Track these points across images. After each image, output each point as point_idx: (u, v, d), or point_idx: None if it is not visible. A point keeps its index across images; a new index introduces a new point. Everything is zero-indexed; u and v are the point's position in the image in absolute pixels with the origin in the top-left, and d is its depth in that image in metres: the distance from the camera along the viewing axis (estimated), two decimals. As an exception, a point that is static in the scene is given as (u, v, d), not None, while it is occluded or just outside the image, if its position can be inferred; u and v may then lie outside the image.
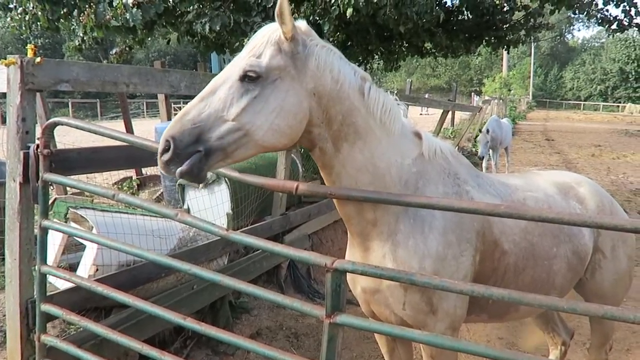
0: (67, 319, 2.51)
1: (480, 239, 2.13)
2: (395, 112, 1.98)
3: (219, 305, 4.18)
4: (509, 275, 2.25)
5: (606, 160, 16.67)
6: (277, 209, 4.85)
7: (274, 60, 1.72)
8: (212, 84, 1.73)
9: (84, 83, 2.72)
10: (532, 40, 8.75)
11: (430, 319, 2.05)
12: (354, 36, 7.21)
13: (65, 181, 2.45)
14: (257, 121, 1.69)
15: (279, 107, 1.71)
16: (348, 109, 1.85)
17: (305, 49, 1.77)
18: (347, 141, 1.89)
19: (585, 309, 1.53)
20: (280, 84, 1.72)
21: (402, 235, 2.00)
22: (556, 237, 2.41)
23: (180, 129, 1.65)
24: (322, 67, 1.78)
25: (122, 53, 7.00)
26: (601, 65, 60.77)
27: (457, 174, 2.16)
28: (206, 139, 1.65)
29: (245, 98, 1.68)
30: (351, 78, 1.86)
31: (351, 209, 2.01)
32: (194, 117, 1.66)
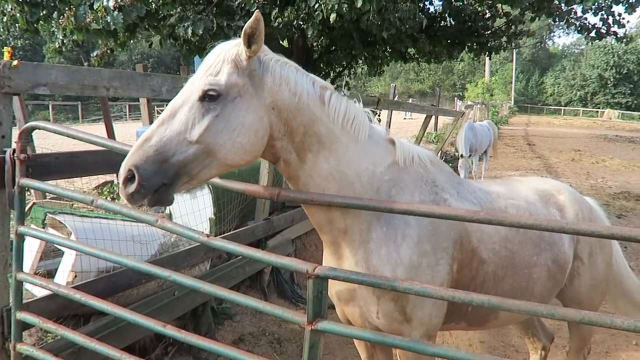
0: (44, 327, 2.46)
1: (458, 248, 2.12)
2: (360, 119, 1.98)
3: (201, 311, 4.14)
4: (488, 284, 2.25)
5: (585, 165, 16.96)
6: (260, 214, 4.83)
7: (233, 78, 1.72)
8: (170, 107, 1.72)
9: (62, 86, 2.68)
10: (513, 46, 8.88)
11: (405, 328, 2.04)
12: (338, 41, 7.24)
13: (42, 187, 2.40)
14: (220, 140, 1.69)
15: (241, 125, 1.72)
16: (309, 119, 1.86)
17: (261, 65, 1.79)
18: (310, 151, 1.89)
19: (564, 314, 1.54)
20: (240, 102, 1.73)
21: (375, 243, 2.00)
22: (537, 246, 2.41)
23: (143, 157, 1.62)
24: (278, 82, 1.80)
25: (103, 55, 6.91)
26: (581, 72, 61.90)
27: (434, 181, 2.15)
28: (171, 164, 1.64)
29: (206, 118, 1.68)
30: (309, 89, 1.87)
31: (322, 217, 2.01)
32: (156, 142, 1.64)
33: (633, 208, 10.28)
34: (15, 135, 2.43)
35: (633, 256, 7.03)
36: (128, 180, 1.63)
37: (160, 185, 1.65)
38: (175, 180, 1.67)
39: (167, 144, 1.65)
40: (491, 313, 2.41)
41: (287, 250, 5.22)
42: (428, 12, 7.48)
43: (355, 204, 1.86)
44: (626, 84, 57.70)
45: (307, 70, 5.30)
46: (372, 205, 1.84)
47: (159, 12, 5.58)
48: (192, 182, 1.73)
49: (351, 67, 9.07)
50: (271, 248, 4.85)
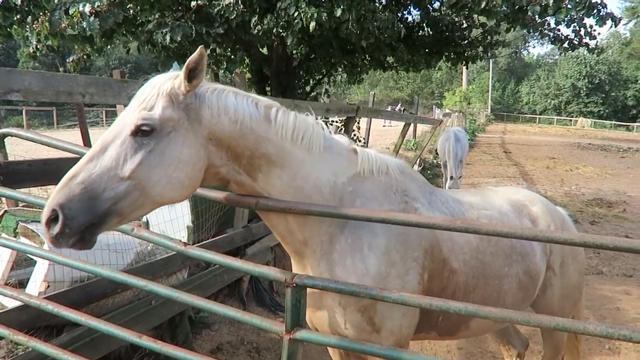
0: (14, 339, 2.39)
1: (429, 257, 2.13)
2: (312, 132, 1.95)
3: (178, 320, 4.08)
4: (458, 294, 2.25)
5: (560, 172, 17.33)
6: (239, 222, 4.80)
7: (167, 112, 1.67)
8: (101, 141, 1.65)
9: (36, 93, 2.63)
10: (489, 56, 9.03)
11: (374, 338, 2.03)
12: (317, 49, 7.27)
13: (13, 194, 2.35)
14: (154, 176, 1.63)
15: (177, 159, 1.67)
16: (254, 142, 1.83)
17: (197, 99, 1.75)
18: (261, 171, 1.87)
19: (538, 320, 1.57)
20: (175, 136, 1.68)
21: (339, 254, 1.99)
22: (508, 257, 2.42)
23: (69, 195, 1.54)
24: (217, 113, 1.76)
25: (79, 61, 6.80)
26: (555, 81, 63.36)
27: (405, 190, 2.15)
28: (100, 202, 1.57)
29: (139, 153, 1.62)
30: (252, 112, 1.83)
31: (282, 228, 2.00)
32: (83, 179, 1.56)
33: (605, 215, 10.53)
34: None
35: (606, 262, 7.20)
36: (51, 221, 1.54)
37: (87, 224, 1.56)
38: (105, 219, 1.59)
39: (96, 180, 1.57)
40: (462, 323, 2.41)
41: (266, 258, 5.20)
42: (406, 21, 7.57)
43: (331, 212, 1.85)
44: (598, 94, 59.28)
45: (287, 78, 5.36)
46: (351, 215, 1.83)
47: (136, 18, 5.53)
48: (123, 221, 1.66)
49: (331, 74, 9.11)
50: (250, 256, 4.82)
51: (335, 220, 1.97)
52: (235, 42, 6.50)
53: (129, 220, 1.69)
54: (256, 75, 7.85)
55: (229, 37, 5.79)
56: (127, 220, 1.69)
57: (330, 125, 8.70)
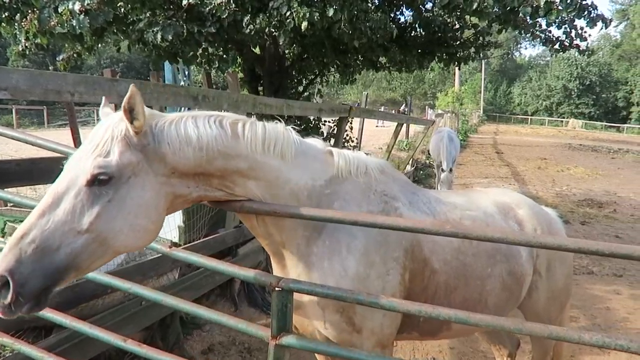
0: (0, 342, 2.36)
1: (410, 257, 2.11)
2: (283, 139, 1.89)
3: (169, 321, 4.05)
4: (439, 294, 2.24)
5: (551, 173, 17.45)
6: (230, 222, 4.78)
7: (125, 157, 1.56)
8: (52, 193, 1.51)
9: (24, 91, 2.60)
10: (481, 57, 9.06)
11: (355, 338, 2.02)
12: (310, 49, 7.26)
13: (1, 195, 2.32)
14: (116, 226, 1.53)
15: (138, 206, 1.57)
16: (224, 162, 1.76)
17: (154, 138, 1.64)
18: (237, 185, 1.82)
19: (530, 329, 1.54)
20: (135, 181, 1.58)
21: (316, 257, 1.97)
22: (491, 257, 2.41)
23: (18, 258, 1.40)
24: (179, 147, 1.66)
25: (69, 59, 6.74)
26: (546, 82, 63.77)
27: (384, 190, 2.14)
28: (55, 261, 1.44)
29: (97, 204, 1.51)
30: (216, 134, 1.74)
31: (261, 231, 1.99)
32: (35, 237, 1.43)
33: (596, 215, 10.61)
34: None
35: (596, 262, 7.25)
36: (1, 288, 1.39)
37: (43, 288, 1.44)
38: (60, 277, 1.47)
39: (49, 237, 1.44)
40: (443, 324, 2.40)
41: (258, 258, 5.18)
42: (399, 22, 7.58)
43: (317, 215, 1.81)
44: (589, 95, 59.78)
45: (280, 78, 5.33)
46: (337, 218, 1.80)
47: (127, 16, 5.49)
48: (80, 274, 1.57)
49: (323, 75, 9.10)
50: (242, 256, 4.80)
51: (312, 223, 1.95)
52: (227, 42, 6.48)
53: (87, 272, 1.59)
54: (249, 75, 7.83)
55: (220, 37, 5.76)
56: (85, 273, 1.59)
57: (323, 126, 8.71)
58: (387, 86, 63.78)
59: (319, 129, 8.27)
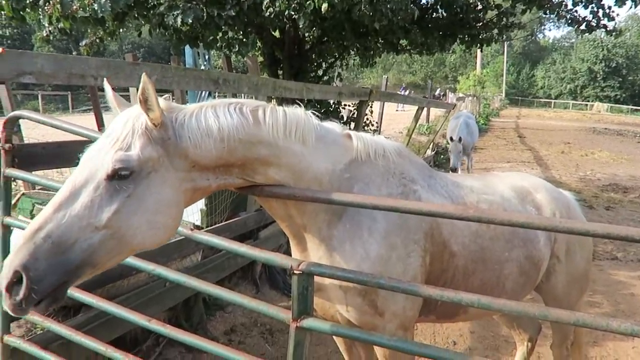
0: (30, 320, 2.43)
1: (429, 240, 2.11)
2: (303, 124, 1.86)
3: (193, 302, 4.12)
4: (457, 277, 2.24)
5: (575, 157, 17.11)
6: (252, 205, 4.81)
7: (147, 152, 1.52)
8: (69, 186, 1.47)
9: (48, 75, 2.63)
10: (504, 39, 8.86)
11: (377, 321, 2.02)
12: (330, 32, 7.18)
13: (27, 177, 2.37)
14: (135, 223, 1.49)
15: (157, 203, 1.53)
16: (245, 151, 1.72)
17: (175, 132, 1.60)
18: (257, 173, 1.79)
19: (557, 315, 1.50)
20: (155, 177, 1.54)
21: (337, 240, 1.97)
22: (509, 242, 2.40)
23: (33, 253, 1.36)
24: (200, 140, 1.62)
25: (92, 44, 6.80)
26: (571, 65, 62.22)
27: (402, 173, 2.12)
28: (71, 256, 1.41)
29: (117, 199, 1.47)
30: (238, 123, 1.69)
31: (282, 213, 1.98)
32: (50, 231, 1.39)
33: (621, 200, 10.39)
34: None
35: (620, 247, 7.12)
36: (14, 284, 1.36)
37: (57, 284, 1.40)
38: (77, 274, 1.44)
39: (65, 232, 1.40)
40: (460, 307, 2.39)
41: (279, 241, 5.21)
42: (420, 3, 7.43)
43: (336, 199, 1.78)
44: (615, 78, 58.16)
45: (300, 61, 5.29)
46: (357, 202, 1.78)
47: (148, 0, 5.49)
48: (96, 272, 1.52)
49: (343, 58, 9.01)
50: (263, 239, 4.84)
51: (333, 207, 1.94)
52: (246, 25, 6.44)
53: (103, 269, 1.55)
54: (268, 59, 7.79)
55: (240, 20, 5.73)
56: (102, 270, 1.54)
57: (343, 109, 8.66)
58: (407, 69, 63.06)
59: (338, 112, 8.22)
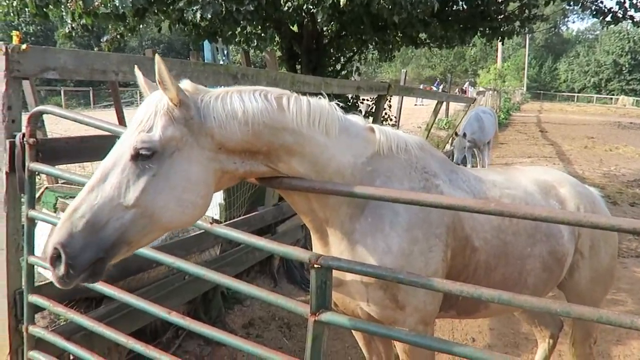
0: (54, 311, 2.49)
1: (451, 235, 2.10)
2: (327, 115, 1.87)
3: (211, 295, 4.17)
4: (479, 272, 2.22)
5: (599, 152, 16.76)
6: (270, 200, 4.83)
7: (168, 132, 1.57)
8: (100, 169, 1.55)
9: (71, 71, 2.67)
10: (526, 31, 8.68)
11: (398, 315, 2.02)
12: (348, 26, 7.14)
13: (51, 171, 2.42)
14: (161, 201, 1.54)
15: (184, 181, 1.58)
16: (270, 136, 1.74)
17: (200, 111, 1.63)
18: (281, 161, 1.80)
19: (580, 312, 1.47)
20: (179, 156, 1.58)
21: (360, 234, 1.97)
22: (532, 237, 2.37)
23: (70, 232, 1.46)
24: (225, 120, 1.65)
25: (113, 40, 6.90)
26: (595, 58, 60.88)
27: (425, 167, 2.11)
28: (105, 235, 1.48)
29: (143, 179, 1.52)
30: (262, 107, 1.72)
31: (304, 207, 1.98)
32: (84, 212, 1.48)
33: (647, 196, 10.15)
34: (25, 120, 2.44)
35: (646, 244, 6.95)
36: (55, 259, 1.47)
37: (93, 260, 1.49)
38: (112, 251, 1.51)
39: (98, 212, 1.48)
40: (481, 303, 2.36)
41: (296, 236, 5.23)
42: (440, -5, 7.35)
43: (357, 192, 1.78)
44: (642, 70, 56.72)
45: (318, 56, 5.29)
46: (377, 195, 1.77)
47: (167, -4, 5.54)
48: (131, 250, 1.59)
49: (362, 52, 8.96)
50: (280, 234, 4.86)
51: (355, 200, 1.94)
52: (265, 20, 6.45)
53: (138, 246, 1.62)
54: (286, 53, 7.79)
55: (259, 15, 5.74)
56: (136, 247, 1.61)
57: (361, 104, 8.62)
58: (426, 63, 62.42)
59: (357, 107, 8.18)
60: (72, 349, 2.33)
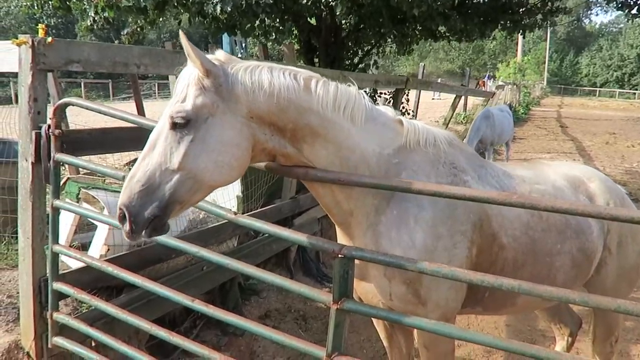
0: (78, 298, 2.55)
1: (477, 232, 2.08)
2: (354, 102, 1.91)
3: (229, 286, 4.21)
4: (507, 269, 2.20)
5: (620, 148, 16.42)
6: (287, 193, 4.86)
7: (199, 100, 1.70)
8: (150, 139, 1.74)
9: (94, 63, 2.71)
10: (548, 24, 8.54)
11: (420, 310, 2.02)
12: (367, 19, 7.10)
13: (76, 162, 2.47)
14: (201, 164, 1.70)
15: (219, 144, 1.72)
16: (296, 114, 1.81)
17: (228, 79, 1.74)
18: (305, 142, 1.86)
19: (597, 302, 1.49)
20: (213, 121, 1.72)
21: (384, 226, 1.98)
22: (562, 233, 2.34)
23: (130, 195, 1.67)
24: (251, 89, 1.75)
25: (133, 33, 6.98)
26: (618, 51, 59.58)
27: (453, 162, 2.10)
28: (159, 196, 1.68)
29: (182, 144, 1.69)
30: (289, 84, 1.80)
31: (329, 199, 2.00)
32: (140, 178, 1.68)
33: (669, 193, 9.93)
34: (50, 111, 2.49)
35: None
36: (122, 218, 1.69)
37: (151, 218, 1.68)
38: (167, 209, 1.70)
39: (150, 177, 1.68)
40: (508, 299, 2.36)
41: (313, 229, 5.25)
42: (460, -12, 7.26)
43: (382, 184, 1.83)
44: (667, 65, 55.35)
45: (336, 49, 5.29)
46: (401, 187, 1.81)
47: (187, -11, 5.57)
48: (185, 207, 1.78)
49: (380, 45, 8.90)
50: (297, 227, 4.88)
51: (381, 192, 1.95)
52: (284, 13, 6.46)
53: (191, 204, 1.81)
54: (304, 46, 7.79)
55: (277, 8, 5.75)
56: (190, 205, 1.81)
57: (379, 97, 8.59)
58: (444, 57, 61.72)
59: (375, 100, 8.15)
60: (96, 335, 2.39)
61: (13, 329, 2.85)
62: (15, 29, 39.21)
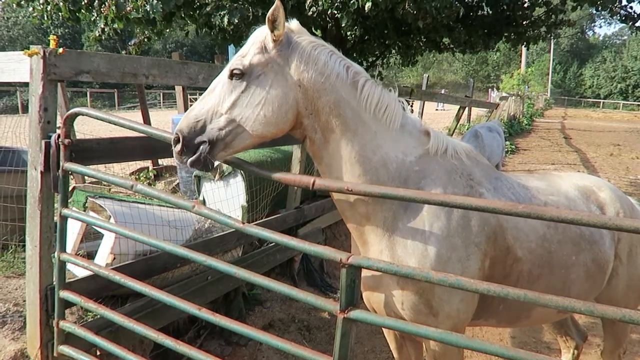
0: (85, 306, 2.56)
1: (492, 244, 2.09)
2: (393, 107, 2.04)
3: (233, 296, 4.22)
4: (521, 282, 2.19)
5: (625, 160, 16.39)
6: (291, 202, 4.87)
7: (256, 58, 1.92)
8: (212, 84, 1.98)
9: (104, 74, 2.74)
10: (552, 36, 8.57)
11: (431, 321, 2.02)
12: (372, 30, 7.16)
13: (85, 171, 2.48)
14: (246, 113, 1.90)
15: (264, 99, 1.90)
16: (335, 100, 1.96)
17: (289, 46, 1.94)
18: (334, 132, 1.98)
19: (603, 311, 1.49)
20: (264, 79, 1.91)
21: (401, 233, 2.01)
22: (577, 245, 2.34)
23: (187, 124, 1.92)
24: (306, 61, 1.93)
25: (140, 44, 7.05)
26: (622, 63, 59.61)
27: (470, 174, 2.14)
28: (207, 131, 1.91)
29: (234, 93, 1.91)
30: (340, 72, 1.97)
31: (344, 201, 2.05)
32: (196, 113, 1.93)
33: (675, 206, 9.89)
34: (59, 121, 2.51)
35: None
36: (176, 141, 1.92)
37: (200, 144, 1.90)
38: (213, 145, 1.90)
39: (204, 114, 1.92)
40: (522, 312, 2.35)
41: (317, 239, 5.26)
42: (465, 0, 7.31)
43: (388, 194, 1.83)
44: (671, 77, 55.32)
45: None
46: (408, 196, 1.81)
47: (195, 0, 5.64)
48: (228, 149, 1.95)
49: (384, 57, 8.96)
50: (302, 237, 4.89)
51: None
52: (289, 24, 6.51)
53: (233, 148, 1.96)
54: (309, 58, 7.84)
55: (284, 19, 5.80)
56: (232, 149, 1.96)
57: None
58: (447, 68, 61.96)
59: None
60: (102, 343, 2.40)
61: (19, 337, 2.86)
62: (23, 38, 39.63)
